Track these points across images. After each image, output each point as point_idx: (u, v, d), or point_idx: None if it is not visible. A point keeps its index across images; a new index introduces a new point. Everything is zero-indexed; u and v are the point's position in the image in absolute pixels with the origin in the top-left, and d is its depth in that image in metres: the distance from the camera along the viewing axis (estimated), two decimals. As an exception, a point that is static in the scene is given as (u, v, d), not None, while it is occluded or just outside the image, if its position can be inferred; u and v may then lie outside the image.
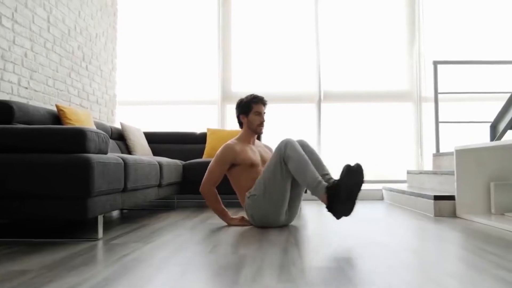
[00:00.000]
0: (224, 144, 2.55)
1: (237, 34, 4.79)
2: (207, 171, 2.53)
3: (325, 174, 2.33)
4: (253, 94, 2.60)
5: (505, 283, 1.27)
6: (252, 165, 2.49)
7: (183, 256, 1.68)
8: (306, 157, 2.29)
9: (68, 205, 1.91)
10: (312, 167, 2.26)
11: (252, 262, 1.56)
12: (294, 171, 2.27)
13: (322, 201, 2.20)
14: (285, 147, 2.31)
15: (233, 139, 2.61)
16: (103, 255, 1.70)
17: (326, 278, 1.34)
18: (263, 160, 2.60)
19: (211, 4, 4.79)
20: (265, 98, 2.64)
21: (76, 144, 1.93)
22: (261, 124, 2.58)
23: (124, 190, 2.31)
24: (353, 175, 2.11)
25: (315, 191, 2.21)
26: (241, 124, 2.63)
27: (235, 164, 2.50)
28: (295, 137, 2.66)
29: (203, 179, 2.52)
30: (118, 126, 4.60)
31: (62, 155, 1.92)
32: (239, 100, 2.63)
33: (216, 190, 2.52)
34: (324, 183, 2.20)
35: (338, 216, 2.18)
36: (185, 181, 3.61)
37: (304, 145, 2.45)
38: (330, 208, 2.18)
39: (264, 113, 2.61)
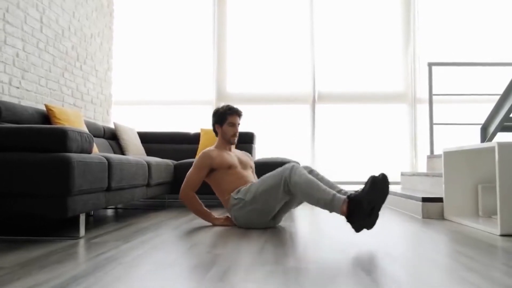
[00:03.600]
0: (201, 151, 2.60)
1: (232, 34, 4.80)
2: (186, 177, 2.56)
3: (339, 190, 2.26)
4: (228, 105, 2.65)
5: (470, 285, 1.27)
6: (230, 167, 2.53)
7: (157, 255, 1.69)
8: (313, 178, 2.19)
9: (48, 203, 1.94)
10: (321, 185, 2.14)
11: (223, 261, 1.57)
12: (304, 196, 2.16)
13: (341, 213, 2.05)
14: (291, 173, 2.23)
15: (211, 146, 2.67)
16: (79, 253, 1.72)
17: (290, 279, 1.34)
18: (241, 162, 2.64)
19: (206, 4, 4.81)
20: (260, 99, 2.68)
21: (58, 144, 1.96)
22: (234, 135, 2.62)
23: (108, 189, 2.33)
24: (379, 187, 1.97)
25: (331, 205, 2.07)
26: (216, 133, 2.68)
27: (213, 169, 2.54)
28: (291, 139, 2.68)
29: (182, 186, 2.55)
30: (113, 126, 4.64)
31: (44, 154, 1.94)
32: (215, 109, 2.68)
33: (195, 195, 2.54)
34: (340, 196, 2.08)
35: (358, 229, 2.03)
36: (176, 181, 3.62)
37: (310, 170, 2.40)
38: (350, 220, 2.04)
39: (239, 124, 2.65)
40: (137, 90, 4.81)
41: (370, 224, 2.02)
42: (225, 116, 2.61)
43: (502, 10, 4.63)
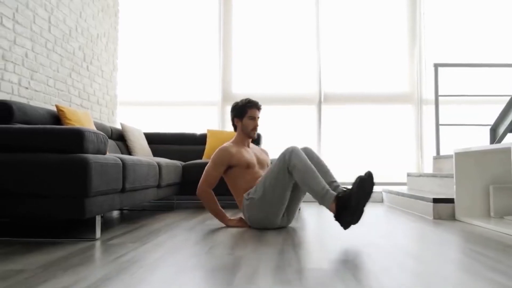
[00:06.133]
0: (220, 147, 2.57)
1: (237, 35, 4.79)
2: (203, 173, 2.54)
3: (332, 182, 2.29)
4: (248, 99, 2.63)
5: (498, 286, 1.27)
6: (248, 166, 2.51)
7: (178, 257, 1.68)
8: (311, 165, 2.24)
9: (65, 204, 1.92)
10: (318, 176, 2.19)
11: (247, 263, 1.56)
12: (300, 181, 2.22)
13: (330, 210, 2.12)
14: (290, 155, 2.26)
15: (229, 142, 2.64)
16: (99, 255, 1.71)
17: (321, 280, 1.34)
18: (259, 162, 2.62)
19: (212, 5, 4.80)
20: (265, 100, 2.66)
21: (74, 144, 1.94)
22: (254, 128, 2.61)
23: (123, 190, 2.32)
24: (364, 186, 2.04)
25: (322, 200, 2.14)
26: (235, 127, 2.66)
27: (231, 166, 2.51)
28: (297, 140, 2.68)
29: (200, 182, 2.53)
30: (119, 126, 4.62)
31: (60, 155, 1.93)
32: (234, 103, 2.66)
33: (212, 192, 2.53)
34: (332, 192, 2.14)
35: (345, 226, 2.10)
36: (184, 182, 3.61)
37: (309, 153, 2.42)
38: (338, 218, 2.11)
39: (258, 117, 2.64)
40: (142, 91, 4.79)
41: (356, 220, 2.09)
42: (244, 109, 2.60)
43: (509, 10, 4.65)
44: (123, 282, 1.31)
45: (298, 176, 2.22)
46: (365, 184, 2.04)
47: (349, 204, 2.05)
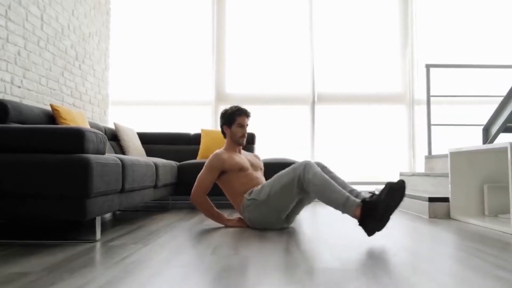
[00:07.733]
0: (213, 153, 2.58)
1: (231, 35, 4.78)
2: (196, 180, 2.53)
3: (352, 191, 2.25)
4: (237, 106, 2.63)
5: (504, 282, 1.29)
6: (241, 169, 2.52)
7: (183, 257, 1.66)
8: (327, 177, 2.19)
9: (66, 205, 1.88)
10: (336, 186, 2.14)
11: (255, 263, 1.56)
12: (318, 194, 2.17)
13: (354, 216, 2.06)
14: (304, 170, 2.22)
15: (221, 149, 2.65)
16: (103, 257, 1.68)
17: (332, 279, 1.34)
18: (252, 165, 2.64)
19: (205, 4, 4.78)
20: (259, 100, 2.66)
21: (75, 144, 1.91)
22: (243, 136, 2.61)
23: (122, 191, 2.28)
24: (395, 194, 1.98)
25: (344, 208, 2.08)
26: (224, 134, 2.66)
27: (224, 171, 2.52)
28: (290, 140, 2.68)
29: (193, 189, 2.52)
30: (111, 126, 4.56)
31: (61, 155, 1.89)
32: (224, 110, 2.65)
33: (207, 197, 2.53)
34: (354, 198, 2.09)
35: (370, 233, 2.02)
36: (179, 182, 3.58)
37: (322, 167, 2.40)
38: (363, 224, 2.04)
39: (247, 125, 2.65)
40: (135, 91, 4.74)
41: (381, 227, 2.03)
42: (233, 117, 2.60)
43: (500, 12, 4.73)
44: (132, 284, 1.29)
45: (315, 190, 2.17)
46: (395, 193, 1.98)
47: (376, 211, 1.98)
